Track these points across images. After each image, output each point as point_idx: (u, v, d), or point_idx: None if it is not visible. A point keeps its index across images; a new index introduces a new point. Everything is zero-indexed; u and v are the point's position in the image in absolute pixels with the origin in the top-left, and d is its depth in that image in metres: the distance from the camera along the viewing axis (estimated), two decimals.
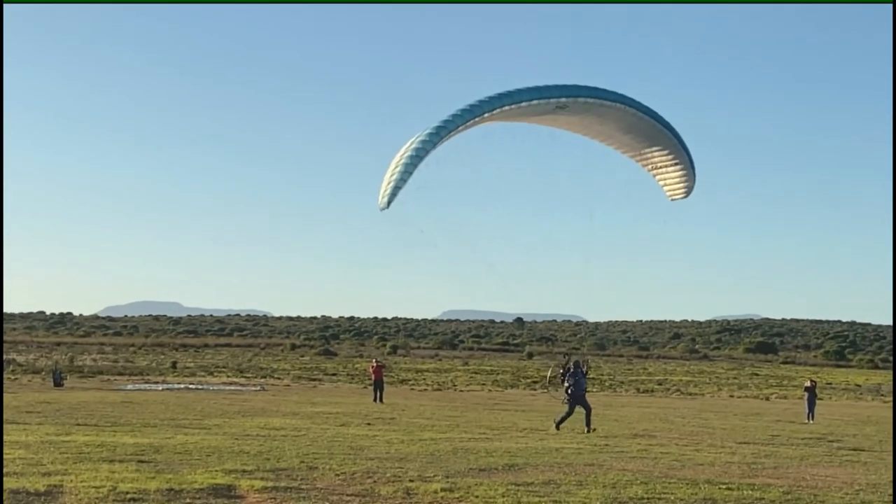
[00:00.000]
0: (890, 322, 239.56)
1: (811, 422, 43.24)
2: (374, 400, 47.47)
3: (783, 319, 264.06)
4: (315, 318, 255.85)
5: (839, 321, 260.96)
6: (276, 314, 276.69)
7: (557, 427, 31.52)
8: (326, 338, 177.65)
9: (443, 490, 16.55)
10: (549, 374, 34.49)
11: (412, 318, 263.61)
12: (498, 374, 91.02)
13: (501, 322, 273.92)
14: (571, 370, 31.86)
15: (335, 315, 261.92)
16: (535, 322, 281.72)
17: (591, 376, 33.35)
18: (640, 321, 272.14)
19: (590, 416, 31.88)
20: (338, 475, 18.22)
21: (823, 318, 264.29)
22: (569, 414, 31.75)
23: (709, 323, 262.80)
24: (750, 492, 17.68)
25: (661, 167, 29.39)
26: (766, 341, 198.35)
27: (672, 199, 29.93)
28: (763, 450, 27.08)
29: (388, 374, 68.29)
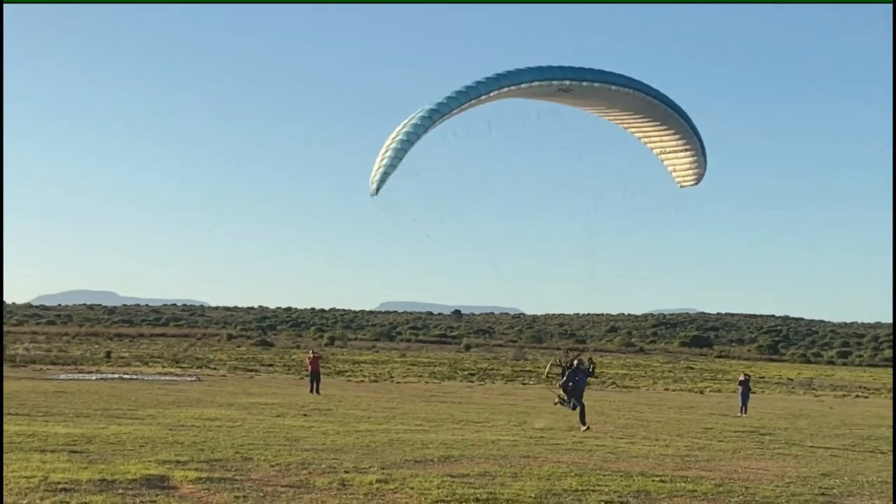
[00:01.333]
0: (819, 317, 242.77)
1: (744, 415, 43.71)
2: (311, 391, 47.29)
3: (718, 314, 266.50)
4: (252, 308, 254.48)
5: (773, 316, 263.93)
6: (213, 304, 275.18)
7: (583, 423, 30.14)
8: (263, 328, 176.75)
9: (378, 481, 16.54)
10: (546, 368, 33.52)
11: (350, 310, 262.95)
12: (435, 365, 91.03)
13: (439, 314, 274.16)
14: (573, 367, 30.50)
15: (272, 306, 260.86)
16: (473, 314, 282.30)
17: (595, 375, 31.76)
18: (577, 314, 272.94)
19: (584, 414, 30.39)
20: (273, 466, 18.15)
21: (757, 313, 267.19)
22: (576, 406, 30.35)
23: (645, 317, 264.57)
24: (683, 484, 17.86)
25: (670, 152, 28.26)
26: (700, 335, 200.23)
27: (681, 187, 28.59)
28: (696, 443, 27.36)
29: (325, 366, 68.04)
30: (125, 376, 56.90)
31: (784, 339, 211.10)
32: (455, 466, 19.29)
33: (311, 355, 50.68)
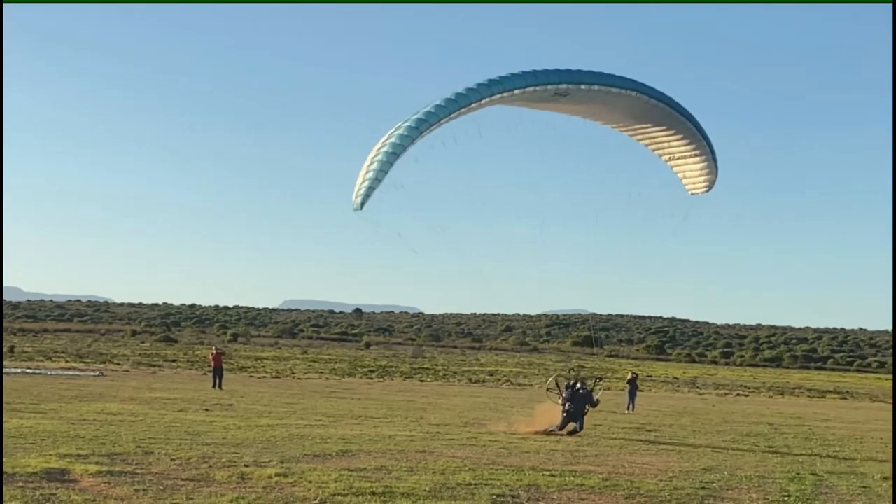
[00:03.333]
0: (704, 319, 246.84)
1: (631, 412, 44.22)
2: (213, 386, 46.83)
3: (609, 315, 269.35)
4: (157, 305, 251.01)
5: (660, 317, 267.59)
6: (118, 301, 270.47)
7: (547, 432, 28.65)
8: (167, 325, 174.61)
9: (277, 475, 16.43)
10: (547, 383, 32.05)
11: (253, 307, 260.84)
12: (336, 362, 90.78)
13: (341, 312, 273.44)
14: (573, 387, 29.42)
15: (177, 303, 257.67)
16: (374, 313, 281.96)
17: (597, 396, 30.22)
18: (475, 314, 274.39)
19: (575, 432, 28.72)
20: (173, 460, 17.94)
21: (646, 315, 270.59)
22: (559, 427, 28.69)
23: (539, 317, 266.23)
24: (572, 478, 18.01)
25: (679, 158, 26.31)
26: (592, 335, 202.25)
27: (692, 194, 26.82)
28: (585, 438, 27.60)
29: (228, 362, 67.44)
30: (28, 371, 55.68)
31: (671, 339, 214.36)
32: (353, 461, 19.24)
33: (214, 351, 50.21)
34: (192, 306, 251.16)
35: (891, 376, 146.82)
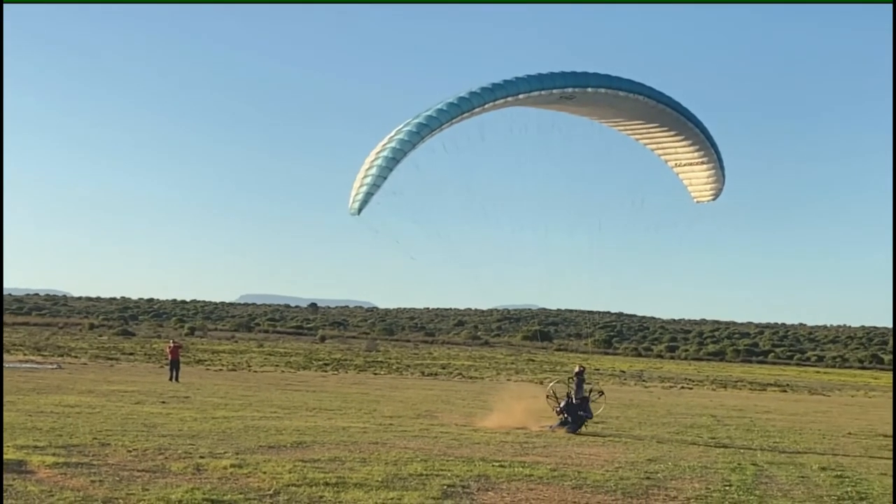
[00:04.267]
0: (650, 314, 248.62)
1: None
2: (170, 379, 46.54)
3: (558, 310, 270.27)
4: (114, 299, 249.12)
5: (608, 312, 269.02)
6: (76, 294, 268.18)
7: (553, 429, 28.29)
8: (125, 318, 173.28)
9: (232, 466, 16.38)
10: (546, 390, 31.05)
11: (210, 301, 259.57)
12: (291, 356, 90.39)
13: (296, 307, 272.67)
14: (573, 402, 28.95)
15: (134, 296, 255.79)
16: (329, 307, 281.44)
17: (598, 412, 29.79)
18: (427, 308, 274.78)
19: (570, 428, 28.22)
20: (129, 451, 17.82)
21: (594, 310, 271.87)
22: (551, 428, 28.25)
23: (491, 311, 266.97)
24: (521, 469, 18.09)
25: (685, 165, 25.28)
26: (542, 329, 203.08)
27: (697, 202, 25.84)
28: (534, 430, 27.69)
29: (185, 355, 66.99)
30: None
31: (618, 334, 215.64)
32: (307, 452, 19.21)
33: (172, 344, 49.91)
34: (150, 300, 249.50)
35: (830, 370, 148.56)
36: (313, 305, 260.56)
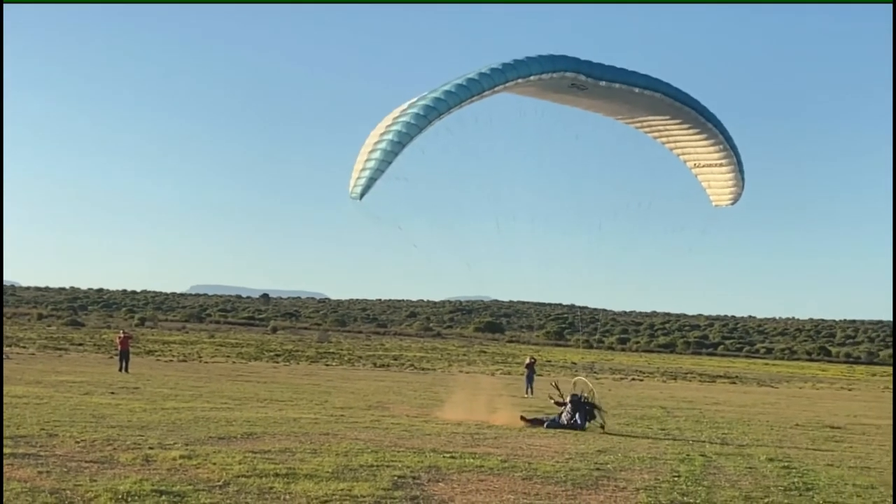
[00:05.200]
0: (602, 306, 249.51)
1: (530, 396, 44.58)
2: (120, 370, 46.19)
3: (510, 301, 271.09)
4: (63, 289, 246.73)
5: (560, 304, 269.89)
6: (24, 284, 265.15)
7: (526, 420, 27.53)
8: (74, 308, 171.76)
9: (181, 457, 16.27)
10: (550, 391, 30.00)
11: (161, 292, 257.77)
12: (242, 346, 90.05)
13: (248, 297, 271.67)
14: (568, 408, 27.52)
15: (84, 287, 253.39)
16: (281, 298, 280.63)
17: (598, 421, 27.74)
18: (380, 300, 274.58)
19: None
20: (78, 442, 17.66)
21: (546, 302, 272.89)
22: (545, 423, 27.33)
23: (443, 303, 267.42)
24: (471, 460, 18.11)
25: (704, 167, 24.18)
26: (494, 321, 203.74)
27: (716, 206, 24.80)
28: (485, 421, 27.74)
29: (135, 345, 66.52)
30: None
31: (570, 325, 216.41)
32: (257, 443, 19.14)
33: (122, 335, 49.55)
34: (100, 290, 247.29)
35: (779, 362, 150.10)
36: (265, 296, 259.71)
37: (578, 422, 27.10)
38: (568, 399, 28.05)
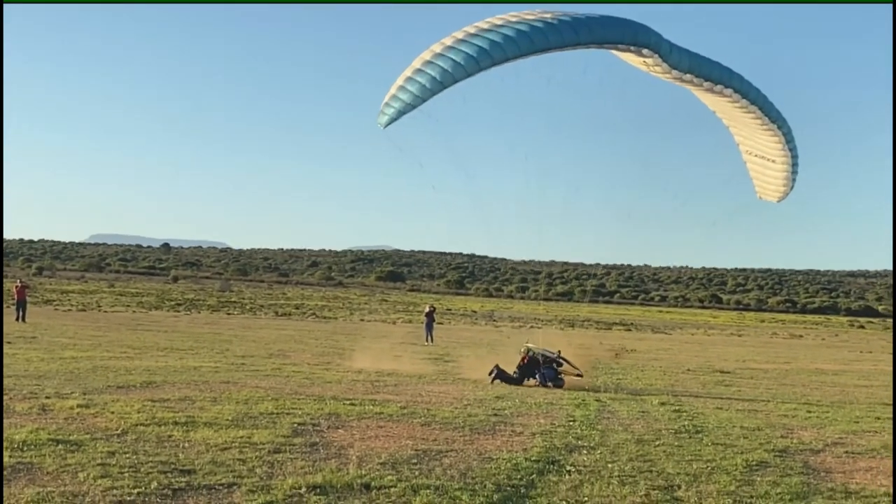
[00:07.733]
0: (501, 256, 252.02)
1: (430, 344, 44.82)
2: (17, 319, 45.26)
3: (412, 251, 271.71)
4: None
5: (460, 253, 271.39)
6: None
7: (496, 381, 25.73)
8: None
9: (79, 406, 16.04)
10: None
11: (59, 241, 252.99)
12: (143, 296, 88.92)
13: (149, 247, 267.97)
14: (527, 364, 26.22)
15: None
16: (182, 248, 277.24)
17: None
18: (282, 249, 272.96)
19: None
20: None
21: (447, 251, 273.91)
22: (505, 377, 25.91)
23: (345, 253, 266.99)
24: (371, 407, 18.16)
25: (758, 157, 22.94)
26: (395, 270, 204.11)
27: (761, 198, 23.84)
28: (385, 369, 27.83)
29: (32, 295, 65.31)
30: None
31: (470, 274, 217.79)
32: (157, 392, 18.94)
33: (19, 284, 48.47)
34: None
35: (672, 309, 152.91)
36: (166, 245, 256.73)
37: (545, 381, 25.51)
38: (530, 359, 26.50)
